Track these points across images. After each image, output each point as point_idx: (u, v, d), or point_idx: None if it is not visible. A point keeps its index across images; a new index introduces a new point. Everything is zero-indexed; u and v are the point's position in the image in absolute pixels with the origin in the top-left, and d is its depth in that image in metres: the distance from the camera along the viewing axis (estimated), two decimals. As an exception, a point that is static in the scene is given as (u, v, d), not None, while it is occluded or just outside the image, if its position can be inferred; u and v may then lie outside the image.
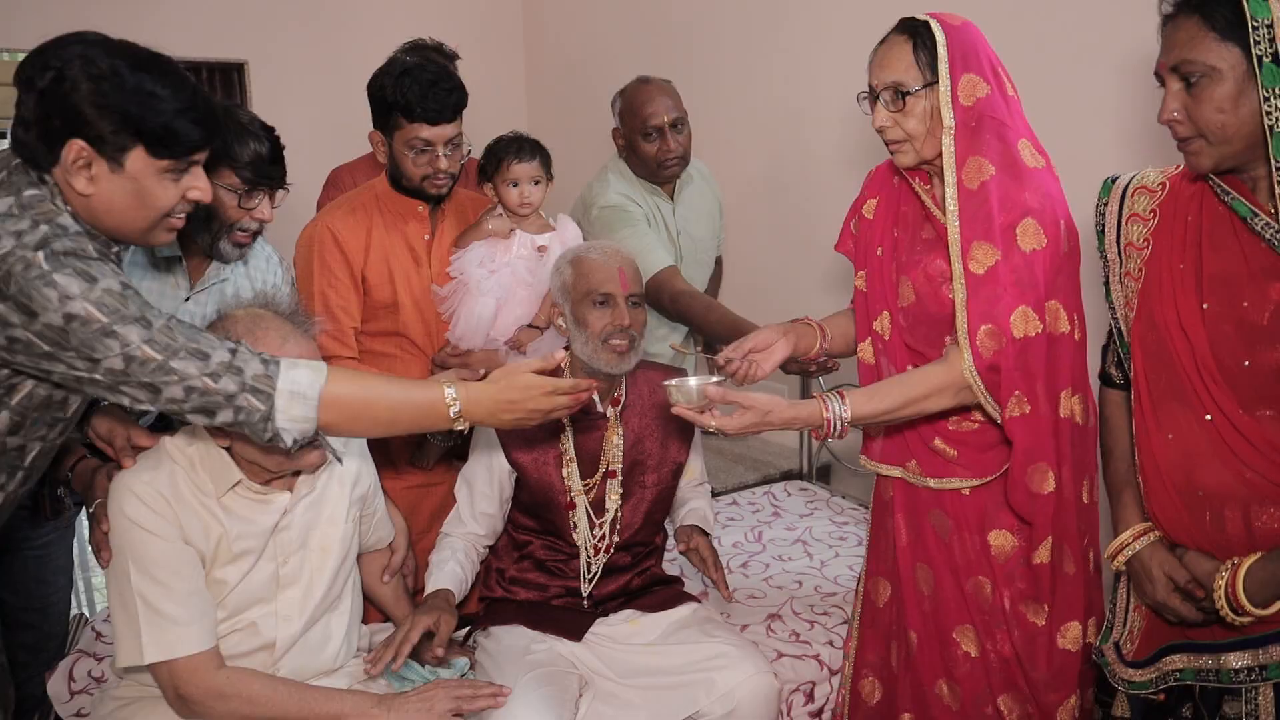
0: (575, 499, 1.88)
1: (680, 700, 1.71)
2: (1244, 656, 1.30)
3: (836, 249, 1.84)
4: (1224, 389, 1.26)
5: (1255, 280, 1.22)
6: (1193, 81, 1.19)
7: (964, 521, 1.64)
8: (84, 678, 1.85)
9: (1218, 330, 1.26)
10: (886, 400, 1.55)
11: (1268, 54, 1.12)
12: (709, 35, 3.37)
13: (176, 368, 1.23)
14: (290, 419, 1.29)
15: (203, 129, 1.29)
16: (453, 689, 1.53)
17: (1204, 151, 1.22)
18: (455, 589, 1.82)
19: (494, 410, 1.42)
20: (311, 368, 1.33)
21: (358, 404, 1.35)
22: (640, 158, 2.59)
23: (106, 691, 1.59)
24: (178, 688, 1.42)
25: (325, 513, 1.62)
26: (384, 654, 1.63)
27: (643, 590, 1.96)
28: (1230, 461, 1.27)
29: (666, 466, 1.96)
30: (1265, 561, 1.24)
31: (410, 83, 1.91)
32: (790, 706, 1.90)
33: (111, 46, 1.25)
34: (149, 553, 1.43)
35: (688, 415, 1.53)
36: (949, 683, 1.69)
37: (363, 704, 1.49)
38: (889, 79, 1.53)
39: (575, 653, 1.82)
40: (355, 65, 3.93)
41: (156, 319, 1.23)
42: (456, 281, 2.05)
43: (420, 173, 1.99)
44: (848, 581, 2.28)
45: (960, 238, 1.51)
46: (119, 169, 1.25)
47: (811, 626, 2.06)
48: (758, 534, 2.63)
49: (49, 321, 1.17)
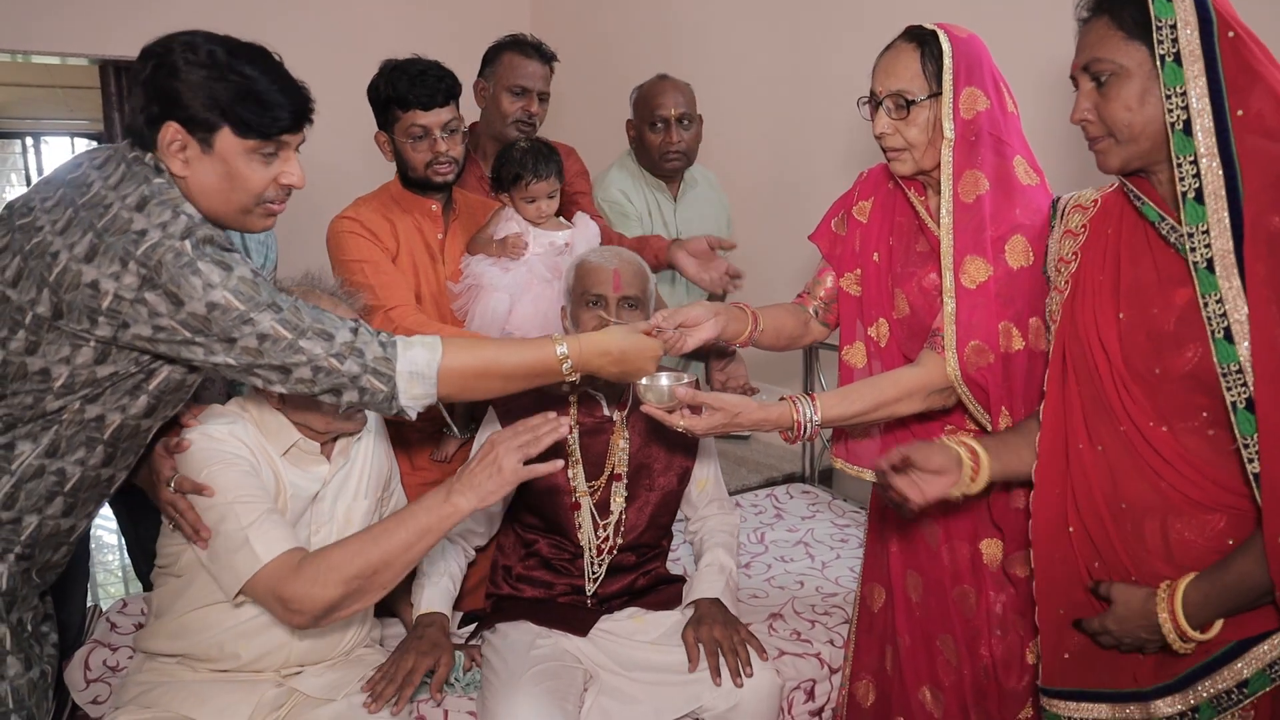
0: (580, 500, 1.91)
1: (684, 695, 1.74)
2: (1174, 702, 1.25)
3: (811, 238, 1.84)
4: (1138, 401, 1.25)
5: (1163, 287, 1.23)
6: (1103, 80, 1.20)
7: (955, 530, 1.67)
8: (99, 667, 1.89)
9: (1131, 340, 1.26)
10: (858, 403, 1.56)
11: (1170, 53, 1.13)
12: (717, 37, 3.41)
13: (305, 347, 1.29)
14: (412, 397, 1.37)
15: (290, 111, 1.33)
16: (511, 440, 1.44)
17: (1112, 150, 1.23)
18: (449, 610, 1.82)
19: (604, 363, 1.50)
20: (427, 345, 1.38)
21: (473, 373, 1.42)
22: (645, 148, 2.75)
23: (129, 676, 1.63)
24: (277, 590, 1.42)
25: (352, 486, 1.69)
26: (385, 691, 1.60)
27: (647, 590, 1.99)
28: (1146, 473, 1.25)
29: (673, 471, 1.98)
30: (1198, 583, 1.20)
31: (400, 75, 2.00)
32: (791, 704, 1.93)
33: (212, 37, 1.31)
34: (235, 478, 1.49)
35: (656, 414, 1.54)
36: (933, 689, 1.73)
37: (437, 506, 1.43)
38: (894, 86, 1.53)
39: (580, 648, 1.84)
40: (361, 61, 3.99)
41: (284, 303, 1.30)
42: (469, 278, 2.09)
43: (423, 159, 2.05)
44: (848, 582, 2.31)
45: (954, 250, 1.53)
46: (209, 150, 1.29)
47: (812, 626, 2.09)
48: (760, 535, 2.66)
49: (193, 310, 1.23)
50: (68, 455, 1.33)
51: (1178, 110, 1.14)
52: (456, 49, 2.88)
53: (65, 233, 1.21)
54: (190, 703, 1.53)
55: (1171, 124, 1.14)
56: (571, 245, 2.14)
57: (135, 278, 1.21)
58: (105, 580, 4.29)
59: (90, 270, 1.20)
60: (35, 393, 1.26)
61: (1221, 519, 1.21)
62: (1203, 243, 1.14)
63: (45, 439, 1.30)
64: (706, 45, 3.44)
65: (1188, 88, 1.13)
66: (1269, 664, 1.18)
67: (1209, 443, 1.20)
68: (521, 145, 2.15)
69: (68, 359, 1.25)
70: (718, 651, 1.75)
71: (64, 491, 1.35)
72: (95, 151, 1.33)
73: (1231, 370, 1.13)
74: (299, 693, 1.62)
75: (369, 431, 1.75)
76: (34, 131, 6.87)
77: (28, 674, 1.35)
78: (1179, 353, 1.20)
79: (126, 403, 1.34)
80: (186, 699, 1.54)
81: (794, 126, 3.13)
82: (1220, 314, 1.13)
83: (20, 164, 7.00)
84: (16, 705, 1.32)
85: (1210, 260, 1.13)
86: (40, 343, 1.23)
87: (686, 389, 1.53)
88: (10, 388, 1.25)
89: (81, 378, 1.27)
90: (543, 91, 2.48)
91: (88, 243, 1.20)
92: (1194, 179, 1.14)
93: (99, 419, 1.32)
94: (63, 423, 1.30)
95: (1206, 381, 1.17)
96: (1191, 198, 1.14)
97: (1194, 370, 1.18)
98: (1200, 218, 1.14)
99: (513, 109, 2.44)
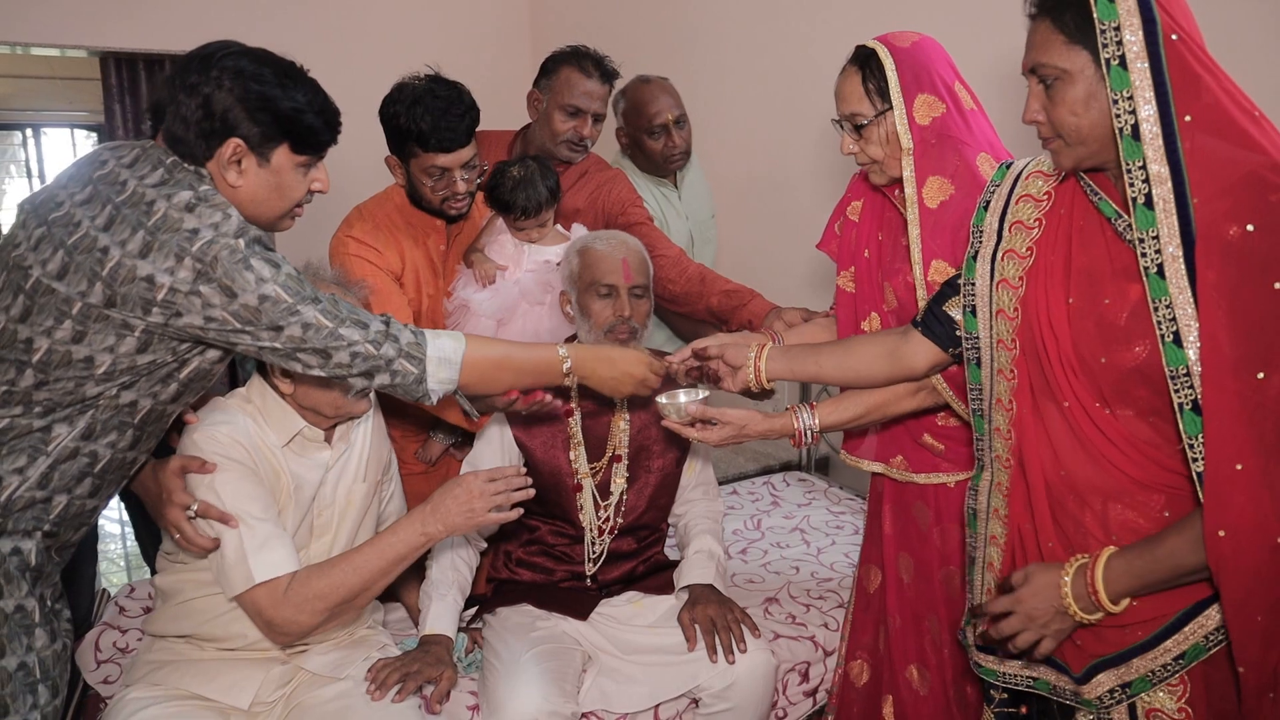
0: (582, 481, 1.94)
1: (681, 675, 1.78)
2: (1107, 678, 1.27)
3: (819, 247, 1.90)
4: (1083, 382, 1.25)
5: (1117, 279, 1.21)
6: (1049, 84, 1.19)
7: (946, 513, 1.71)
8: (109, 648, 1.93)
9: (1080, 326, 1.24)
10: (851, 409, 1.65)
11: (1115, 57, 1.11)
12: (712, 35, 3.43)
13: (344, 334, 1.40)
14: (439, 381, 1.50)
15: (332, 130, 1.48)
16: (485, 487, 1.58)
17: (1063, 151, 1.22)
18: (454, 633, 1.82)
19: (596, 367, 1.66)
20: (453, 337, 1.53)
21: (490, 366, 1.57)
22: (646, 154, 2.71)
23: (139, 656, 1.67)
24: (264, 615, 1.51)
25: (352, 470, 1.74)
26: (389, 679, 1.64)
27: (646, 575, 2.03)
28: (1088, 450, 1.25)
29: (672, 454, 2.02)
30: (1124, 554, 1.21)
31: (423, 112, 1.92)
32: (786, 685, 1.97)
33: (256, 56, 1.40)
34: (237, 485, 1.55)
35: (676, 428, 1.67)
36: (919, 668, 1.77)
37: (411, 535, 1.57)
38: (845, 110, 1.62)
39: (579, 630, 1.88)
40: (361, 57, 4.00)
41: (324, 297, 1.42)
42: (457, 299, 2.10)
43: (439, 196, 2.03)
44: (843, 568, 2.35)
45: (921, 253, 1.58)
46: (266, 164, 1.41)
47: (807, 610, 2.13)
48: (757, 522, 2.70)
49: (245, 302, 1.33)
50: (101, 438, 1.40)
51: (1125, 115, 1.12)
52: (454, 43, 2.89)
53: (111, 229, 1.29)
54: (199, 680, 1.57)
55: (1119, 129, 1.13)
56: None
57: (190, 272, 1.30)
58: (108, 570, 4.33)
59: (145, 265, 1.28)
60: (78, 379, 1.34)
61: (1161, 497, 1.22)
62: (1153, 248, 1.13)
63: (81, 423, 1.37)
64: (702, 41, 3.46)
65: (1134, 92, 1.11)
66: (1204, 637, 1.21)
67: (1150, 426, 1.21)
68: (514, 174, 2.08)
69: (112, 348, 1.33)
70: (713, 630, 1.80)
71: (94, 473, 1.42)
72: (117, 148, 1.40)
73: (1180, 373, 1.13)
74: (304, 670, 1.65)
75: (368, 417, 1.79)
76: (34, 123, 6.87)
77: (52, 646, 1.42)
78: (1128, 347, 1.19)
79: (158, 389, 1.42)
80: (195, 677, 1.58)
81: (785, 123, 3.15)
82: (1170, 318, 1.13)
83: (20, 155, 7.01)
84: (43, 675, 1.39)
85: (1160, 265, 1.13)
86: (87, 332, 1.31)
87: (699, 406, 1.67)
88: (53, 374, 1.33)
89: (123, 365, 1.35)
90: (599, 113, 2.32)
91: (140, 240, 1.29)
92: (1144, 184, 1.12)
93: (132, 404, 1.40)
94: (99, 408, 1.38)
95: (1152, 378, 1.17)
96: (1141, 203, 1.13)
97: (1141, 366, 1.18)
98: (1151, 223, 1.12)
99: (564, 129, 2.30)
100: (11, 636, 1.36)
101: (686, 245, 2.71)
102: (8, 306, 1.32)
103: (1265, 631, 1.13)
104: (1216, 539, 1.11)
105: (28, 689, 1.36)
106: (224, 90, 1.36)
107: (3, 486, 1.34)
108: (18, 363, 1.32)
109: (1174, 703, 1.23)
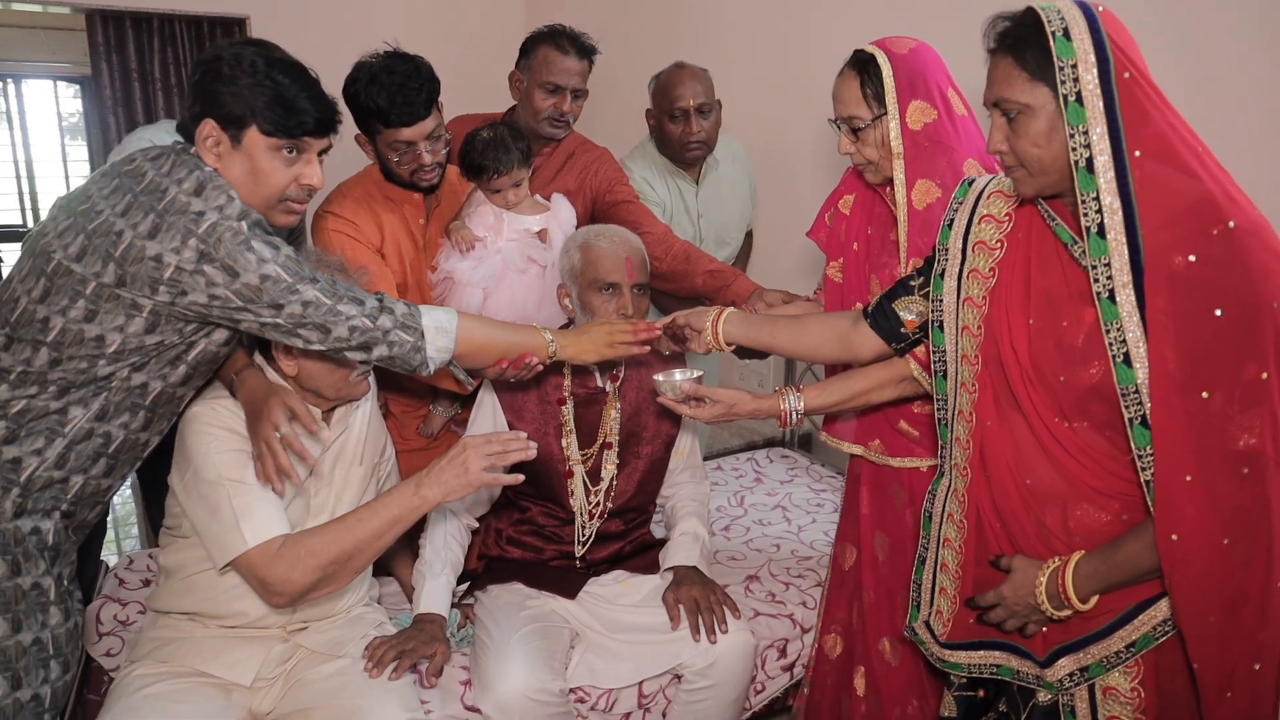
0: (573, 468, 2.00)
1: (665, 653, 1.85)
2: (1068, 663, 1.36)
3: (808, 235, 1.95)
4: (1043, 397, 1.32)
5: (1074, 302, 1.28)
6: (1012, 117, 1.24)
7: (919, 496, 1.78)
8: (110, 621, 1.99)
9: (1040, 346, 1.31)
10: (835, 394, 1.73)
11: (1072, 93, 1.16)
12: (708, 29, 3.41)
13: (342, 310, 1.46)
14: (436, 349, 1.57)
15: (314, 118, 1.48)
16: (482, 448, 1.59)
17: (1026, 180, 1.28)
18: (447, 611, 1.87)
19: (576, 338, 1.76)
20: (445, 311, 1.60)
21: (483, 339, 1.65)
22: (665, 138, 2.72)
23: (143, 632, 1.73)
24: (258, 574, 1.54)
25: (350, 452, 1.79)
26: (385, 656, 1.69)
27: (633, 554, 2.09)
28: (1049, 459, 1.33)
29: (660, 439, 2.07)
30: (1089, 559, 1.31)
31: (379, 89, 1.95)
32: (764, 661, 2.05)
33: (260, 47, 1.44)
34: (233, 454, 1.59)
35: (671, 404, 1.76)
36: (892, 641, 1.86)
37: (406, 498, 1.58)
38: (843, 113, 1.66)
39: (568, 609, 1.95)
40: (358, 24, 3.95)
41: (321, 277, 1.48)
42: (442, 272, 2.13)
43: (408, 169, 2.06)
44: (823, 546, 2.42)
45: (907, 253, 1.64)
46: (238, 145, 1.45)
47: (787, 588, 2.21)
48: (740, 499, 2.77)
49: (247, 281, 1.39)
50: (114, 419, 1.47)
51: (1080, 149, 1.18)
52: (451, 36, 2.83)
53: (127, 214, 1.36)
54: (202, 657, 1.63)
55: (1075, 161, 1.18)
56: (547, 232, 2.16)
57: (194, 252, 1.36)
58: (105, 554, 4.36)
59: (153, 245, 1.35)
60: (89, 358, 1.40)
61: (1117, 503, 1.31)
62: (1104, 274, 1.20)
63: (95, 404, 1.44)
64: (708, 29, 3.44)
65: (1089, 127, 1.17)
66: (1154, 627, 1.31)
67: (1106, 439, 1.29)
68: (483, 136, 2.11)
69: (121, 327, 1.39)
70: (697, 611, 1.87)
71: (108, 453, 1.49)
72: (150, 149, 1.46)
73: (1129, 390, 1.21)
74: (304, 648, 1.71)
75: (366, 400, 1.83)
76: (15, 74, 6.74)
77: (66, 623, 1.48)
78: (1084, 368, 1.26)
79: (168, 371, 1.48)
80: (199, 654, 1.64)
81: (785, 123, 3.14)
82: (1120, 340, 1.20)
83: (2, 105, 6.88)
84: (56, 651, 1.46)
85: (1112, 291, 1.19)
86: (98, 311, 1.37)
87: (692, 384, 1.75)
88: (67, 353, 1.39)
89: (131, 345, 1.41)
90: (578, 89, 2.38)
91: (150, 222, 1.35)
92: (1097, 214, 1.18)
93: (143, 386, 1.47)
94: (111, 389, 1.44)
95: (1107, 395, 1.25)
96: (1094, 232, 1.19)
97: (1097, 385, 1.26)
98: (1103, 251, 1.19)
99: (545, 106, 2.35)
100: (28, 613, 1.42)
101: (693, 241, 2.71)
102: (30, 289, 1.38)
103: (1220, 633, 1.22)
104: (1169, 542, 1.20)
105: (40, 664, 1.43)
106: (210, 74, 1.43)
107: (22, 467, 1.41)
108: (34, 342, 1.38)
109: (1128, 683, 1.34)
